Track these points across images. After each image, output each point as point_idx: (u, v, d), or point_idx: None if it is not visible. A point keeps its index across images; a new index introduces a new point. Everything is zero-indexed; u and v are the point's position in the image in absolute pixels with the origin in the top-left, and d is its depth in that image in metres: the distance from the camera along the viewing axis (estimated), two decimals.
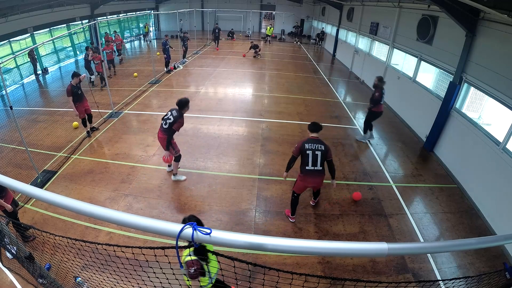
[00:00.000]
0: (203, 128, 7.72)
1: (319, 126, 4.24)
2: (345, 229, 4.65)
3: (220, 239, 0.94)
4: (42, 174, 5.59)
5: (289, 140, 7.22)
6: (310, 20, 27.05)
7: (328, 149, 4.17)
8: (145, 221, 1.00)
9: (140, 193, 5.19)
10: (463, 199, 5.53)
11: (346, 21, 15.83)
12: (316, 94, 11.00)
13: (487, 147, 5.19)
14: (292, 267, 3.94)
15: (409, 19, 8.87)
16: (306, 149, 4.09)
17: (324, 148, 4.12)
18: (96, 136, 7.16)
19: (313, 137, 4.18)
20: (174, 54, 13.97)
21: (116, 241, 4.16)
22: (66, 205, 1.12)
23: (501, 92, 4.98)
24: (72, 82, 6.48)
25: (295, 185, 4.49)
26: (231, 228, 4.58)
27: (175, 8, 17.32)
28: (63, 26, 15.04)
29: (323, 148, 4.11)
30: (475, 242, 1.03)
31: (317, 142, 4.14)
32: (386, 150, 7.29)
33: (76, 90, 6.57)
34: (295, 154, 4.21)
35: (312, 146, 4.09)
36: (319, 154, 4.09)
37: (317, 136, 4.20)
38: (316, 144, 4.11)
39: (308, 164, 4.11)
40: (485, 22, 5.49)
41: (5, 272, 3.66)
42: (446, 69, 6.82)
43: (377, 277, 3.87)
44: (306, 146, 4.09)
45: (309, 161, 4.09)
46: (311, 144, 4.11)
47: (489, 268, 4.06)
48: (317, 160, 4.10)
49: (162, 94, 10.17)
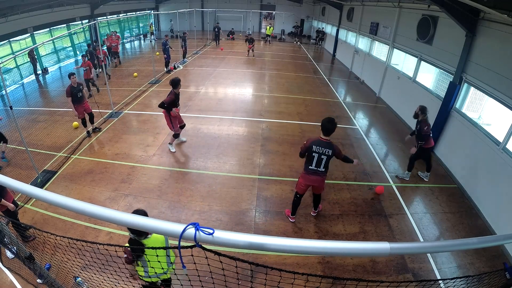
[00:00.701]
0: (203, 128, 7.71)
1: (333, 129, 3.97)
2: (345, 229, 4.65)
3: (222, 239, 0.94)
4: (42, 174, 5.59)
5: (289, 140, 7.22)
6: (310, 20, 27.06)
7: (336, 152, 4.05)
8: (147, 221, 0.99)
9: (140, 193, 5.19)
10: (463, 199, 5.53)
11: (346, 21, 15.84)
12: (316, 94, 11.00)
13: (487, 147, 5.19)
14: (292, 267, 3.94)
15: (409, 19, 8.88)
16: (313, 151, 4.02)
17: (331, 153, 4.01)
18: (96, 136, 7.15)
19: (323, 139, 4.01)
20: (174, 54, 13.97)
21: (116, 241, 4.15)
22: (66, 205, 1.11)
23: (501, 92, 4.98)
24: (72, 83, 6.50)
25: (297, 184, 4.50)
26: (231, 228, 4.58)
27: (175, 8, 17.32)
28: (63, 26, 15.04)
29: (330, 153, 4.00)
30: (476, 241, 1.03)
31: (326, 146, 4.00)
32: (386, 150, 7.29)
33: (75, 92, 6.58)
34: (303, 150, 4.15)
35: (320, 150, 3.99)
36: (324, 158, 4.04)
37: (328, 138, 4.02)
38: (324, 148, 3.99)
39: (312, 164, 4.10)
40: (485, 22, 5.50)
41: (5, 272, 3.66)
42: (446, 69, 6.82)
43: (377, 277, 3.87)
44: (313, 148, 4.00)
45: (313, 162, 4.07)
46: (319, 147, 3.99)
47: (489, 268, 4.06)
48: (321, 163, 4.07)
49: (162, 94, 10.12)
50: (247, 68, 14.39)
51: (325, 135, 4.00)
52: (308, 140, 4.10)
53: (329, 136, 4.02)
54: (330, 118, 3.95)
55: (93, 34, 16.64)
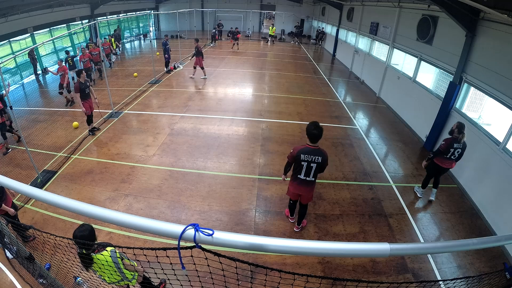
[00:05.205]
0: (203, 128, 7.71)
1: (320, 135, 3.67)
2: (345, 229, 4.65)
3: (222, 240, 0.94)
4: (42, 174, 5.59)
5: (289, 140, 7.22)
6: (310, 20, 27.05)
7: (325, 159, 3.77)
8: (147, 222, 0.99)
9: (140, 193, 5.19)
10: (463, 199, 5.53)
11: (346, 21, 15.83)
12: (316, 94, 11.00)
13: (487, 147, 5.19)
14: (292, 267, 3.94)
15: (409, 19, 8.87)
16: (301, 160, 3.74)
17: (321, 160, 3.73)
18: (96, 136, 7.15)
19: (311, 146, 3.73)
20: (174, 54, 13.97)
21: (116, 241, 4.15)
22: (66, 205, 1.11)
23: (501, 92, 4.98)
24: (80, 79, 6.58)
25: (288, 191, 4.32)
26: (231, 228, 4.58)
27: (175, 8, 17.31)
28: (63, 26, 15.03)
29: (320, 160, 3.72)
30: (477, 242, 1.03)
31: (315, 153, 3.71)
32: (386, 150, 7.29)
33: (83, 88, 6.68)
34: (290, 160, 3.90)
35: (309, 158, 3.72)
36: (314, 166, 3.76)
37: (317, 145, 3.75)
38: (313, 156, 3.71)
39: (301, 174, 3.86)
40: (485, 22, 5.50)
41: (5, 272, 3.66)
42: (446, 69, 6.82)
43: (377, 277, 3.87)
44: (302, 157, 3.72)
45: (302, 171, 3.83)
46: (307, 155, 3.71)
47: (489, 268, 4.06)
48: (311, 172, 3.81)
49: (162, 94, 10.16)
50: (247, 68, 14.38)
51: (313, 142, 3.73)
52: (294, 149, 3.81)
53: (317, 142, 3.74)
54: (315, 123, 3.66)
55: (93, 34, 16.62)
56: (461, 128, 4.63)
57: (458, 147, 4.66)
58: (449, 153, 4.72)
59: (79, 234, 2.46)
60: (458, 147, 4.66)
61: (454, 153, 4.71)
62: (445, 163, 4.87)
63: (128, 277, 2.73)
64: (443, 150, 4.74)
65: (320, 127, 3.66)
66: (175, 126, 7.76)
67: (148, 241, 4.23)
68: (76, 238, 2.40)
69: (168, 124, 7.88)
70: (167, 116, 8.41)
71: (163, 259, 1.39)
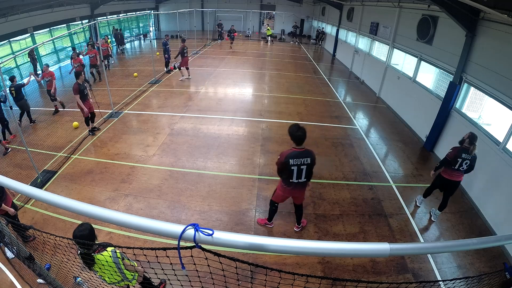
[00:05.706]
0: (203, 128, 7.71)
1: (304, 136, 3.62)
2: (345, 229, 4.65)
3: (222, 239, 0.94)
4: (42, 174, 5.59)
5: (289, 140, 7.11)
6: (310, 20, 27.06)
7: (313, 159, 3.73)
8: (147, 222, 0.99)
9: (140, 193, 5.19)
10: (463, 199, 5.53)
11: (346, 21, 15.83)
12: (316, 94, 11.00)
13: (487, 147, 5.19)
14: (292, 267, 3.94)
15: (409, 19, 8.87)
16: (291, 165, 3.66)
17: (310, 161, 3.69)
18: (96, 136, 7.16)
19: (297, 149, 3.67)
20: (174, 54, 13.95)
21: (116, 241, 4.15)
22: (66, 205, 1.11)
23: (501, 92, 4.98)
24: (78, 81, 6.59)
25: (274, 194, 4.24)
26: (231, 228, 4.58)
27: (175, 8, 17.31)
28: (63, 26, 15.03)
29: (309, 161, 3.69)
30: (477, 242, 1.03)
31: (303, 155, 3.66)
32: (386, 150, 7.29)
33: (82, 89, 6.68)
34: (279, 166, 3.78)
35: (298, 161, 3.65)
36: (304, 168, 3.72)
37: (303, 147, 3.69)
38: (302, 159, 3.65)
39: (292, 178, 3.78)
40: (485, 22, 5.50)
41: (5, 272, 3.66)
42: (446, 69, 6.82)
43: (377, 277, 3.87)
44: (290, 162, 3.64)
45: (293, 175, 3.75)
46: (296, 159, 3.64)
47: (489, 268, 4.06)
48: (302, 174, 3.76)
49: (162, 94, 10.16)
50: (247, 68, 14.38)
51: (298, 145, 3.67)
52: (282, 155, 3.71)
53: (303, 144, 3.69)
54: (297, 125, 3.62)
55: (93, 34, 16.62)
56: (473, 139, 4.29)
57: (467, 158, 4.32)
58: (457, 164, 4.37)
59: (79, 233, 2.44)
60: (467, 158, 4.32)
61: (462, 164, 4.36)
62: (453, 175, 4.50)
63: (128, 277, 2.73)
64: (450, 159, 4.40)
65: (303, 128, 3.62)
66: (175, 126, 7.77)
67: (148, 241, 4.22)
68: (76, 237, 2.39)
69: (168, 124, 7.89)
70: (167, 116, 8.41)
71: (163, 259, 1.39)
